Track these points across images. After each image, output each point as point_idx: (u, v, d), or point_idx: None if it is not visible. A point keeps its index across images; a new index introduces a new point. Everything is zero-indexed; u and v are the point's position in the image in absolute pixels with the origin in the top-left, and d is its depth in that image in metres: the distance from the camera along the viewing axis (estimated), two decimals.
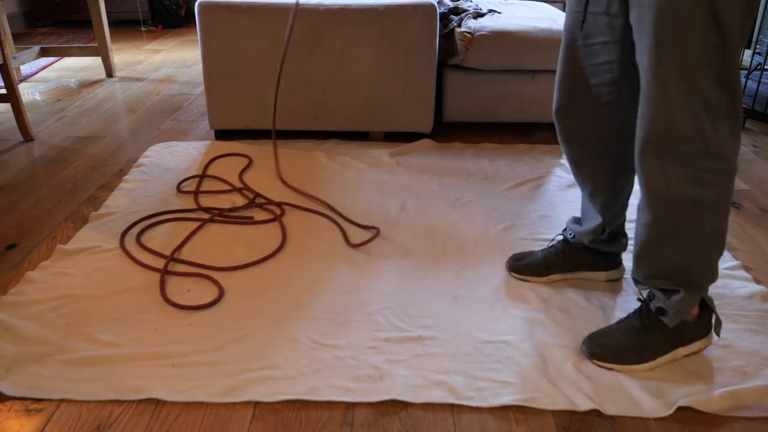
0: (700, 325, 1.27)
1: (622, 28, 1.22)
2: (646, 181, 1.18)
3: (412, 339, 1.34)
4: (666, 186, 1.15)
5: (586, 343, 1.30)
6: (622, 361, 1.25)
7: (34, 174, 2.19)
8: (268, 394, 1.18)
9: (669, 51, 1.07)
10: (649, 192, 1.19)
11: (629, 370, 1.25)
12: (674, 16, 1.05)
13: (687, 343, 1.27)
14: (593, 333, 1.32)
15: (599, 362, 1.26)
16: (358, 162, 2.24)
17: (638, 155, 1.17)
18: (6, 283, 1.54)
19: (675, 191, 1.15)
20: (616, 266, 1.55)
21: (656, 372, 1.25)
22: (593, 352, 1.28)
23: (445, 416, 1.15)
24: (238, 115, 2.42)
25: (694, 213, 1.16)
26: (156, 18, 4.95)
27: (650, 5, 1.07)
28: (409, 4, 2.25)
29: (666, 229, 1.19)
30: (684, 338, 1.27)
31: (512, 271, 1.57)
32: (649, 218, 1.21)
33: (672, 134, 1.11)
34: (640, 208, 1.23)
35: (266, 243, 1.72)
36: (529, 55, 2.37)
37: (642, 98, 1.15)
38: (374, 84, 2.36)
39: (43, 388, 1.19)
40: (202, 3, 2.25)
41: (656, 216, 1.19)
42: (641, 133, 1.15)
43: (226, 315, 1.42)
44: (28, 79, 3.40)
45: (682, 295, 1.23)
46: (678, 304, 1.23)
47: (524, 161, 2.29)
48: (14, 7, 4.68)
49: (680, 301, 1.23)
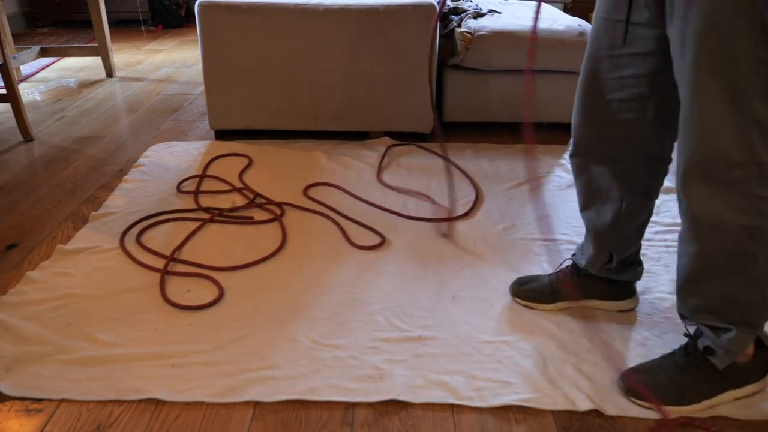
0: (754, 367, 1.16)
1: (657, 39, 1.11)
2: (691, 209, 1.08)
3: (412, 339, 1.34)
4: (715, 215, 1.05)
5: (624, 379, 1.20)
6: (663, 401, 1.15)
7: (34, 174, 2.19)
8: (268, 394, 1.18)
9: (714, 68, 0.97)
10: (694, 221, 1.08)
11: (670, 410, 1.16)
12: (720, 30, 0.95)
13: (738, 386, 1.16)
14: (632, 368, 1.22)
15: (637, 400, 1.17)
16: (358, 162, 2.24)
17: (680, 181, 1.07)
18: (6, 283, 1.54)
19: (726, 221, 1.04)
20: (629, 296, 1.43)
21: None
22: (629, 388, 1.18)
23: (445, 416, 1.15)
24: (238, 115, 2.42)
25: (748, 244, 1.05)
26: (156, 18, 4.95)
27: (693, 18, 0.98)
28: (409, 4, 2.25)
29: (715, 260, 1.09)
30: (735, 380, 1.16)
31: (516, 296, 1.47)
32: (695, 249, 1.10)
33: (720, 159, 1.01)
34: (684, 238, 1.12)
35: (266, 243, 1.72)
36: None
37: (683, 119, 1.05)
38: (374, 84, 2.36)
39: (43, 388, 1.19)
40: (202, 3, 2.25)
41: (703, 246, 1.09)
42: (684, 158, 1.05)
43: (226, 315, 1.42)
44: (28, 79, 3.40)
45: (734, 334, 1.12)
46: (729, 344, 1.12)
47: (524, 161, 2.29)
48: (14, 7, 4.68)
49: (732, 340, 1.12)
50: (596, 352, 1.31)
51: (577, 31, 2.36)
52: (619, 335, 1.36)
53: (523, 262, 1.64)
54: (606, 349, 1.32)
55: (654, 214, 1.88)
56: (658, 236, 1.77)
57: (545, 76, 2.44)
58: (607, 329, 1.38)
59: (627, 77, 1.17)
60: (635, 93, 1.18)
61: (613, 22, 1.16)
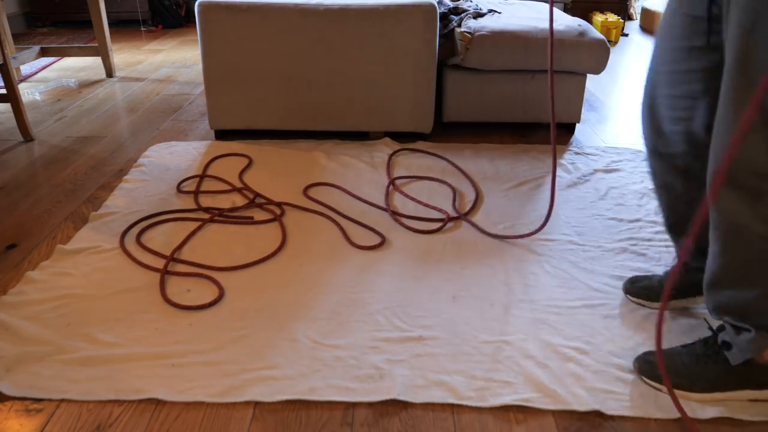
0: None
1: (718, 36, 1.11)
2: (717, 211, 1.09)
3: (412, 339, 1.34)
4: (738, 222, 1.06)
5: (639, 358, 1.24)
6: (673, 384, 1.17)
7: (34, 174, 2.19)
8: (268, 394, 1.18)
9: (748, 76, 0.96)
10: (717, 223, 1.10)
11: (678, 394, 1.18)
12: (758, 37, 0.94)
13: (757, 388, 1.16)
14: (647, 351, 1.26)
15: (646, 379, 1.21)
16: (358, 162, 2.24)
17: (708, 183, 1.09)
18: (6, 283, 1.54)
19: (749, 228, 1.05)
20: None
21: None
22: (642, 367, 1.22)
23: (445, 416, 1.15)
24: (238, 115, 2.42)
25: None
26: (156, 18, 4.95)
27: (737, 23, 0.98)
28: (409, 4, 2.25)
29: (737, 265, 1.10)
30: (753, 381, 1.16)
31: (628, 293, 1.48)
32: (717, 249, 1.12)
33: (747, 168, 1.01)
34: (711, 237, 1.13)
35: (266, 243, 1.72)
36: (529, 55, 2.37)
37: (716, 122, 1.05)
38: (374, 84, 2.36)
39: (43, 388, 1.19)
40: (202, 3, 2.25)
41: (725, 249, 1.10)
42: (712, 161, 1.06)
43: (226, 315, 1.42)
44: (28, 79, 3.40)
45: (752, 335, 1.13)
46: (746, 343, 1.14)
47: (524, 161, 2.29)
48: (14, 7, 4.68)
49: (750, 340, 1.13)
50: (596, 352, 1.31)
51: (577, 31, 2.36)
52: (619, 333, 1.36)
53: (523, 262, 1.64)
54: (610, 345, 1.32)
55: (654, 213, 1.89)
56: (659, 236, 1.77)
57: (545, 76, 2.44)
58: (606, 329, 1.38)
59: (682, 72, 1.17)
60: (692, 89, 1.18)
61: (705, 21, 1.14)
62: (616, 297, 1.49)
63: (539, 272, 1.59)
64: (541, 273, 1.59)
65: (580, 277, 1.58)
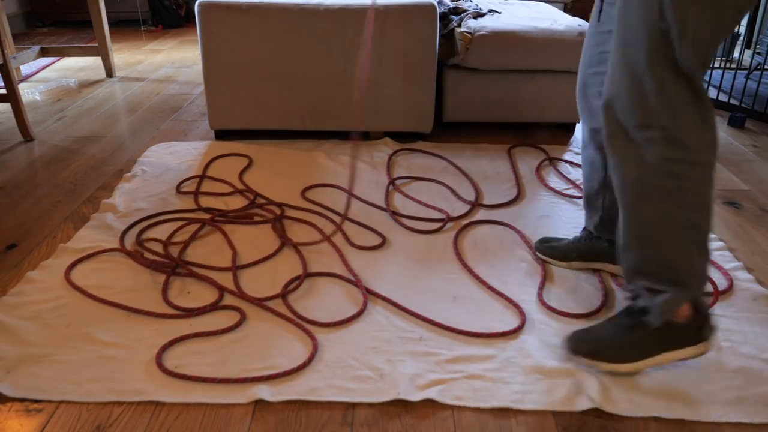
0: (691, 331, 1.20)
1: None
2: (613, 166, 1.18)
3: (412, 339, 1.34)
4: (629, 173, 1.15)
5: (568, 340, 1.27)
6: (602, 357, 1.22)
7: (34, 174, 2.19)
8: (268, 394, 1.18)
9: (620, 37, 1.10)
10: (618, 181, 1.18)
11: (610, 368, 1.22)
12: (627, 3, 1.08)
13: (676, 348, 1.20)
14: (576, 330, 1.29)
15: (578, 357, 1.24)
16: (358, 162, 2.24)
17: (606, 140, 1.18)
18: (6, 283, 1.54)
19: (640, 178, 1.14)
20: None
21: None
22: (572, 347, 1.25)
23: (445, 416, 1.15)
24: (238, 115, 2.42)
25: (663, 204, 1.13)
26: (156, 18, 4.95)
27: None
28: (409, 4, 2.25)
29: (638, 220, 1.17)
30: (673, 342, 1.20)
31: (538, 251, 1.65)
32: (623, 212, 1.20)
33: (628, 120, 1.12)
34: (618, 200, 1.21)
35: (266, 243, 1.72)
36: (529, 55, 2.37)
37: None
38: (374, 84, 2.36)
39: (43, 389, 1.19)
40: (202, 3, 2.25)
41: (629, 208, 1.18)
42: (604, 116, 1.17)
43: (226, 315, 1.42)
44: (28, 79, 3.40)
45: (667, 295, 1.18)
46: (662, 305, 1.18)
47: (524, 161, 2.28)
48: (14, 7, 4.68)
49: (665, 301, 1.18)
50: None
51: (577, 31, 2.36)
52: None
53: (523, 261, 1.64)
54: None
55: None
56: None
57: (545, 76, 2.44)
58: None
59: (606, 52, 1.29)
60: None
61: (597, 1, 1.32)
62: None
63: (538, 271, 1.59)
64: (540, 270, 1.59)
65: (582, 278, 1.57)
